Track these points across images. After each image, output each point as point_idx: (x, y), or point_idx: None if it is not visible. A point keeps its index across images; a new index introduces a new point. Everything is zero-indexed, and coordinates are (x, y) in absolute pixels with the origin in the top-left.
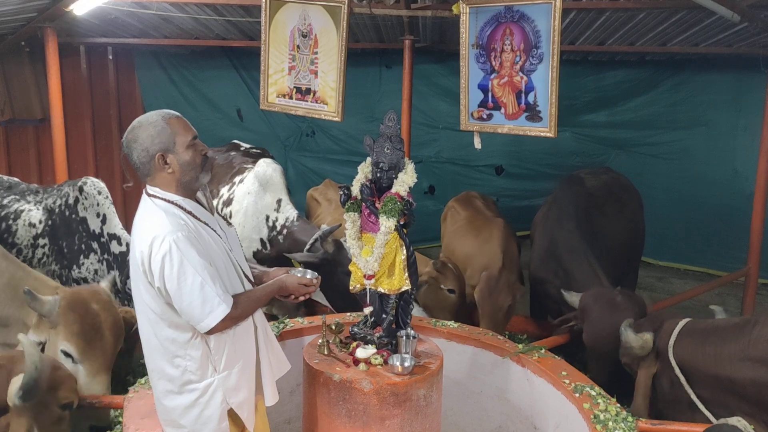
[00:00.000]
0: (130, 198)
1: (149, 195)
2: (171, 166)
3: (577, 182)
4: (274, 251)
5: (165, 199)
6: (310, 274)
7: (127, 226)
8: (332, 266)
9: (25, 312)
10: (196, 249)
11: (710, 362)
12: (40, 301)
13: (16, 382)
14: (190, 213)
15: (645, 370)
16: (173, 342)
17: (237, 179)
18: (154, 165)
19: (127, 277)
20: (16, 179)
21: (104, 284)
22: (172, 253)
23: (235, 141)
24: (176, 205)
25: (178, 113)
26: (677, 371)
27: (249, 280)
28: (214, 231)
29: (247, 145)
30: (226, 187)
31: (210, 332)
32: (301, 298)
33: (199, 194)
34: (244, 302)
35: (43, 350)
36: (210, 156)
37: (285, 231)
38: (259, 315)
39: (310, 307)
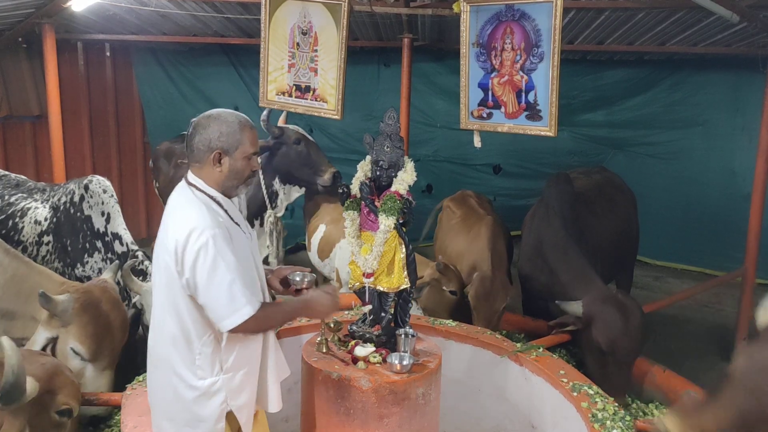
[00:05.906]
0: (128, 198)
1: (189, 183)
2: (222, 167)
3: (565, 181)
4: None
5: (206, 193)
6: (309, 277)
7: (126, 225)
8: (283, 144)
9: (33, 306)
10: (230, 248)
11: None
12: (54, 301)
13: None
14: (226, 211)
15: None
16: (187, 335)
17: None
18: (208, 158)
19: None
20: (23, 177)
21: (107, 275)
22: (208, 247)
23: None
24: (215, 201)
25: (252, 123)
26: None
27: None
28: (244, 233)
29: None
30: None
31: (231, 331)
32: (333, 315)
33: None
34: (271, 311)
35: (54, 346)
36: (256, 173)
37: None
38: None
39: None
